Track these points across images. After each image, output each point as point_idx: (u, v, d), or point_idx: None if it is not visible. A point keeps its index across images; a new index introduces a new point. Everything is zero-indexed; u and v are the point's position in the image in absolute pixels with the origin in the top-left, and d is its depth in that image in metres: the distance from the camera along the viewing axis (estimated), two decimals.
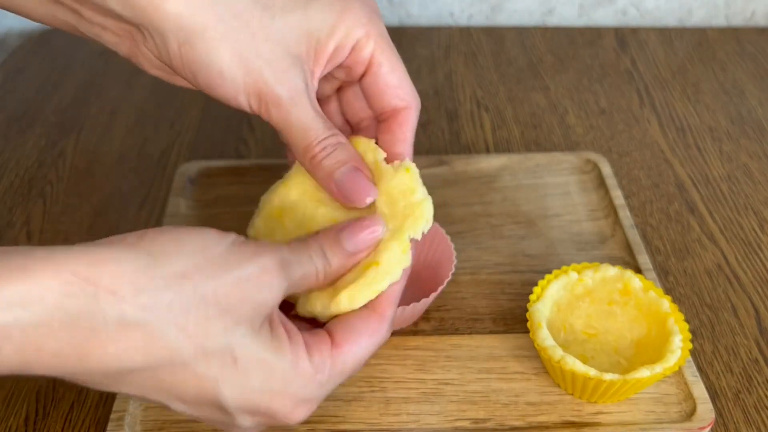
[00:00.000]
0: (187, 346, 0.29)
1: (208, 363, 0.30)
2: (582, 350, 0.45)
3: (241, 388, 0.32)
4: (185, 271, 0.29)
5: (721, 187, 0.63)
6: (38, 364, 0.28)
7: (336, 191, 0.37)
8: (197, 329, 0.29)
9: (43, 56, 0.81)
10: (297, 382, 0.33)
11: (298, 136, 0.36)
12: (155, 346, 0.29)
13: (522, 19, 0.90)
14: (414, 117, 0.39)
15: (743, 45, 0.84)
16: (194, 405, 0.32)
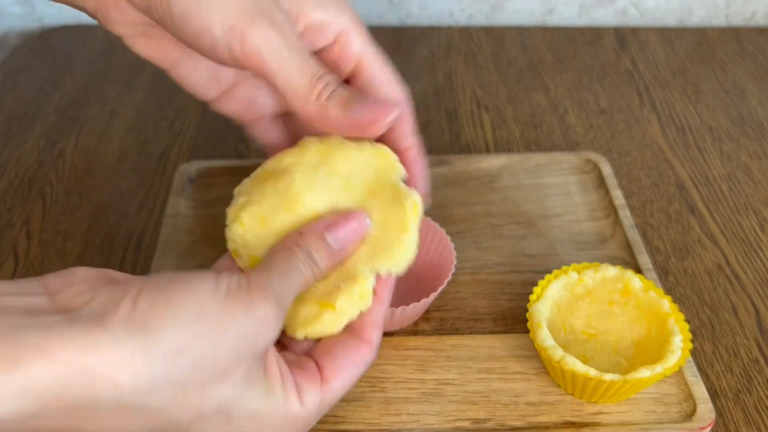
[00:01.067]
0: (184, 415, 0.29)
1: (204, 424, 0.30)
2: (582, 350, 0.45)
3: None
4: (181, 345, 0.28)
5: (721, 187, 0.63)
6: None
7: (348, 127, 0.35)
8: (194, 400, 0.29)
9: (43, 56, 0.81)
10: (287, 425, 0.33)
11: (293, 77, 0.34)
12: (154, 420, 0.29)
13: (522, 18, 0.90)
14: (408, 111, 0.39)
15: (743, 45, 0.84)
16: None
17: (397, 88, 0.39)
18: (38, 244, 0.57)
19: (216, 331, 0.29)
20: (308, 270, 0.34)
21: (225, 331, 0.29)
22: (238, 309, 0.30)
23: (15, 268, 0.54)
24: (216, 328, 0.29)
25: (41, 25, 0.89)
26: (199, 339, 0.29)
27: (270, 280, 0.32)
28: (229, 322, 0.29)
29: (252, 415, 0.31)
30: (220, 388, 0.30)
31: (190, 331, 0.28)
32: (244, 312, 0.30)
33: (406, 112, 0.38)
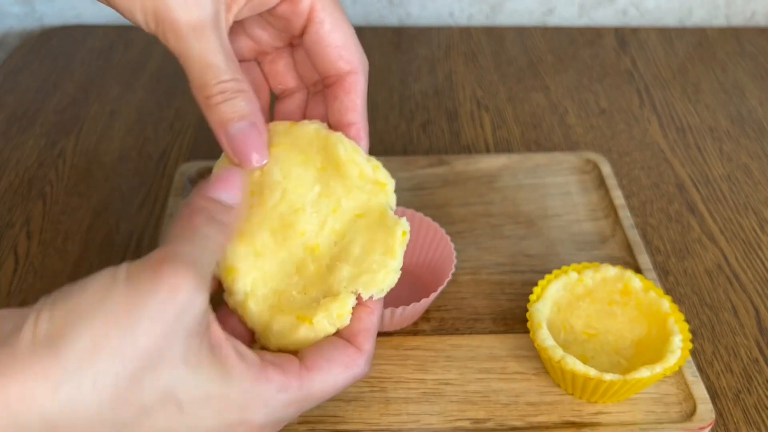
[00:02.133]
0: (126, 412, 0.27)
1: (154, 419, 0.28)
2: (582, 350, 0.45)
3: (196, 431, 0.29)
4: (94, 346, 0.26)
5: (721, 187, 0.63)
6: None
7: (225, 143, 0.34)
8: (130, 394, 0.27)
9: (43, 56, 0.81)
10: (255, 405, 0.30)
11: (195, 70, 0.33)
12: (96, 428, 0.26)
13: (522, 18, 0.90)
14: (362, 82, 0.36)
15: (743, 45, 0.84)
16: None
17: (348, 54, 0.35)
18: (38, 244, 0.57)
19: (126, 317, 0.27)
20: (214, 229, 0.31)
21: (137, 313, 0.27)
22: (143, 288, 0.27)
23: (15, 268, 0.54)
24: (126, 315, 0.27)
25: (41, 25, 0.89)
26: (110, 331, 0.26)
27: (176, 249, 0.29)
28: (137, 303, 0.27)
29: (205, 398, 0.29)
30: (156, 375, 0.27)
31: (97, 328, 0.26)
32: (152, 288, 0.27)
33: (355, 83, 0.35)
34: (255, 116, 0.33)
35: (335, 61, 0.35)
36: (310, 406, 0.33)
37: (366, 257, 0.35)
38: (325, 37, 0.35)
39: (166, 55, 0.81)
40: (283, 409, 0.31)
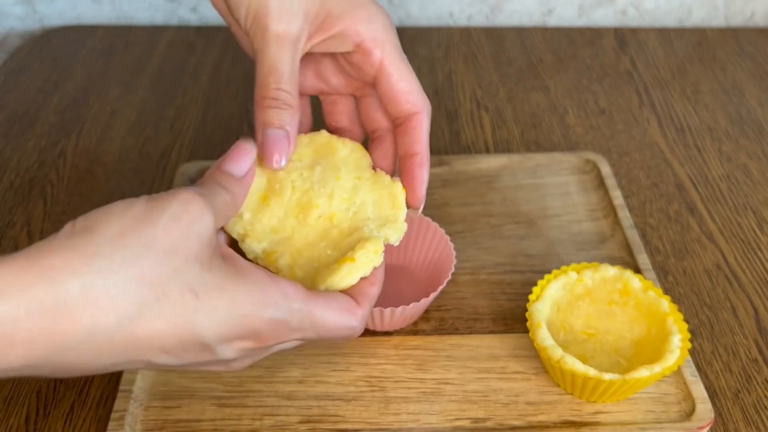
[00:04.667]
0: (149, 293, 0.31)
1: (172, 302, 0.31)
2: (581, 350, 0.46)
3: (211, 317, 0.32)
4: (122, 230, 0.31)
5: (720, 187, 0.63)
6: (13, 356, 0.29)
7: (259, 139, 0.39)
8: (153, 276, 0.31)
9: (44, 56, 0.81)
10: (267, 302, 0.34)
11: (263, 70, 0.39)
12: (123, 303, 0.30)
13: (522, 19, 0.90)
14: (426, 120, 0.42)
15: (743, 45, 0.84)
16: (178, 351, 0.32)
17: (414, 98, 0.41)
18: None
19: (147, 218, 0.32)
20: (225, 193, 0.36)
21: (156, 215, 0.32)
22: (161, 200, 0.33)
23: None
24: (147, 216, 0.32)
25: (42, 25, 0.89)
26: (135, 225, 0.32)
27: (190, 188, 0.35)
28: (157, 209, 0.33)
29: (219, 289, 0.33)
30: (175, 267, 0.32)
31: (124, 223, 0.32)
32: (167, 200, 0.33)
33: (420, 122, 0.42)
34: (291, 129, 0.39)
35: (403, 105, 0.41)
36: (305, 334, 0.36)
37: (380, 212, 0.41)
38: (394, 85, 0.41)
39: (167, 56, 0.81)
40: (288, 315, 0.34)
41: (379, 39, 0.40)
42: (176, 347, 0.32)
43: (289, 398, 0.44)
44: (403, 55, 0.42)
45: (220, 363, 0.35)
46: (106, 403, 0.45)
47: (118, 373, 0.47)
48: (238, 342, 0.34)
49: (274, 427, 0.43)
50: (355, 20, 0.40)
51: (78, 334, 0.30)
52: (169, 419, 0.43)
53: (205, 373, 0.35)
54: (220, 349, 0.33)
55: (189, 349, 0.33)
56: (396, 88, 0.41)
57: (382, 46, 0.40)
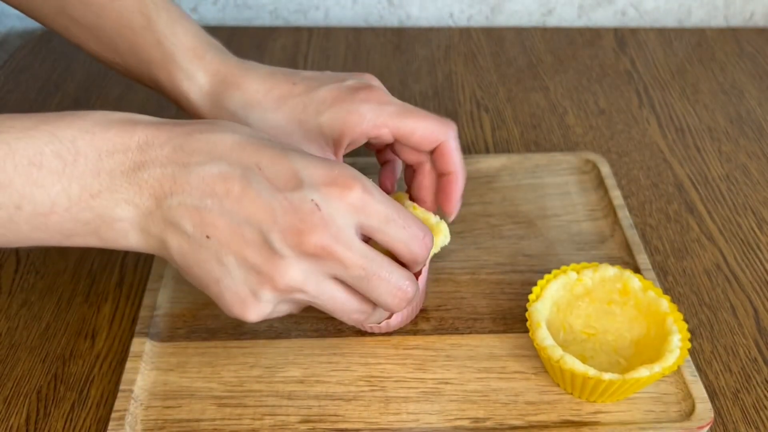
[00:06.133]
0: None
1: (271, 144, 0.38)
2: (581, 350, 0.46)
3: (304, 156, 0.37)
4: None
5: (720, 187, 0.63)
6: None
7: None
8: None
9: (45, 56, 0.82)
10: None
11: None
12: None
13: (521, 19, 0.90)
14: (453, 142, 0.47)
15: (742, 45, 0.85)
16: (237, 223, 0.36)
17: (435, 135, 0.47)
18: None
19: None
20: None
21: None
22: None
23: (16, 268, 0.55)
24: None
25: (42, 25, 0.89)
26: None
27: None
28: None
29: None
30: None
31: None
32: None
33: (447, 147, 0.47)
34: None
35: (427, 145, 0.47)
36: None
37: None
38: (409, 138, 0.46)
39: None
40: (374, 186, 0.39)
41: (378, 121, 0.46)
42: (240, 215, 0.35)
43: (289, 398, 0.44)
44: (407, 108, 0.47)
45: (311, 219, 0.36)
46: (106, 403, 0.45)
47: (119, 372, 0.47)
48: (325, 187, 0.36)
49: (274, 426, 0.43)
50: (351, 128, 0.45)
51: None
52: (169, 419, 0.43)
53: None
54: (307, 185, 0.36)
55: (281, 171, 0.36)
56: (413, 140, 0.46)
57: (385, 124, 0.46)
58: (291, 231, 0.35)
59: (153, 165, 0.36)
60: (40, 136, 0.35)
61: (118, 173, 0.36)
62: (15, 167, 0.34)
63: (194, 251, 0.36)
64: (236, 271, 0.36)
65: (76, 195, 0.35)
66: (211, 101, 0.47)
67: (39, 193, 0.35)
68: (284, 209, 0.35)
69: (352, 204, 0.36)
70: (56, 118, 0.36)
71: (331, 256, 0.36)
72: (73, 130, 0.35)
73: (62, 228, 0.36)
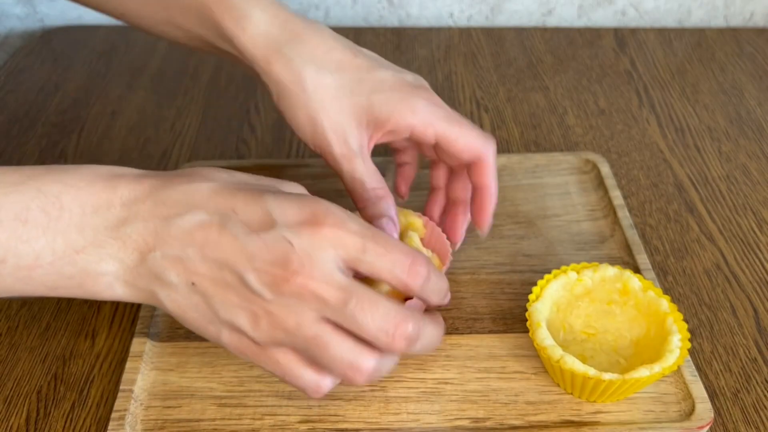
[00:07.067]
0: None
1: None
2: (581, 350, 0.46)
3: (277, 195, 0.37)
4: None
5: (719, 187, 0.63)
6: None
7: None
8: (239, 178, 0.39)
9: (45, 57, 0.82)
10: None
11: (347, 182, 0.46)
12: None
13: (521, 19, 0.90)
14: (488, 162, 0.47)
15: (742, 45, 0.85)
16: (252, 231, 0.36)
17: (475, 146, 0.47)
18: None
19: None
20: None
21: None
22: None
23: None
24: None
25: (43, 26, 0.89)
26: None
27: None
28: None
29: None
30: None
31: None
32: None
33: (485, 163, 0.47)
34: (392, 213, 0.46)
35: (465, 155, 0.47)
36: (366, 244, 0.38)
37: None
38: (452, 145, 0.47)
39: (167, 56, 0.81)
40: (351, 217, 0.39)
41: (427, 120, 0.46)
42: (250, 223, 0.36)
43: (289, 398, 0.44)
44: (454, 115, 0.47)
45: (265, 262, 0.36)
46: (106, 402, 0.45)
47: (119, 372, 0.47)
48: (298, 225, 0.36)
49: (274, 426, 0.43)
50: (401, 116, 0.46)
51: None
52: (169, 419, 0.43)
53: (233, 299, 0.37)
54: (280, 225, 0.36)
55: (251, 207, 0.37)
56: (455, 148, 0.47)
57: (432, 124, 0.46)
58: (266, 271, 0.35)
59: (136, 219, 0.37)
60: (27, 191, 0.36)
61: (102, 228, 0.36)
62: (1, 222, 0.35)
63: (184, 299, 0.37)
64: (223, 312, 0.37)
65: (60, 250, 0.36)
66: (266, 42, 0.45)
67: (23, 248, 0.35)
68: (259, 250, 0.35)
69: (326, 238, 0.36)
70: (44, 172, 0.37)
71: (310, 292, 0.35)
72: (59, 185, 0.36)
73: (46, 281, 0.37)
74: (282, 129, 0.70)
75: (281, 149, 0.67)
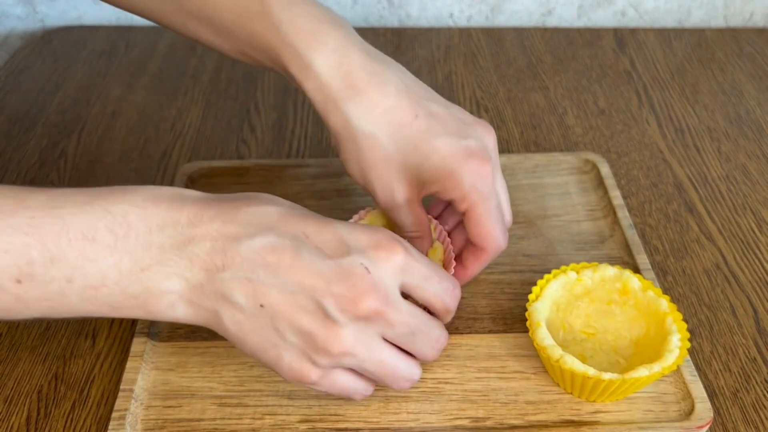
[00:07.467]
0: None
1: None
2: (581, 350, 0.46)
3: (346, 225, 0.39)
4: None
5: (719, 187, 0.63)
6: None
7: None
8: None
9: (45, 57, 0.82)
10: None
11: (395, 226, 0.48)
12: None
13: (521, 19, 0.90)
14: (486, 257, 0.48)
15: (742, 45, 0.85)
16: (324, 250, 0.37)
17: (484, 240, 0.47)
18: None
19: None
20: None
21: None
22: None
23: None
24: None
25: (43, 26, 0.89)
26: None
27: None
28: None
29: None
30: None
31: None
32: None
33: (483, 257, 0.48)
34: (426, 250, 0.49)
35: (475, 239, 0.47)
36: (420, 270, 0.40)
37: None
38: (473, 226, 0.47)
39: (167, 56, 0.81)
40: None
41: (467, 197, 0.46)
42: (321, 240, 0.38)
43: (289, 398, 0.44)
44: (491, 198, 0.46)
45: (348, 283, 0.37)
46: (107, 402, 0.46)
47: (119, 372, 0.47)
48: (372, 251, 0.37)
49: (274, 426, 0.43)
50: (444, 189, 0.46)
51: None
52: (169, 419, 0.43)
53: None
54: (354, 251, 0.37)
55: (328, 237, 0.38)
56: (473, 230, 0.47)
57: (469, 203, 0.46)
58: (345, 296, 0.36)
59: (203, 239, 0.37)
60: (94, 211, 0.36)
61: (168, 247, 0.37)
62: (69, 242, 0.35)
63: (248, 320, 0.37)
64: (292, 337, 0.37)
65: (126, 268, 0.36)
66: (325, 95, 0.45)
67: (91, 267, 0.36)
68: (336, 275, 0.36)
69: (397, 265, 0.38)
70: (108, 193, 0.37)
71: (382, 317, 0.37)
72: (124, 204, 0.37)
73: (111, 300, 0.37)
74: (282, 129, 0.70)
75: (281, 149, 0.67)
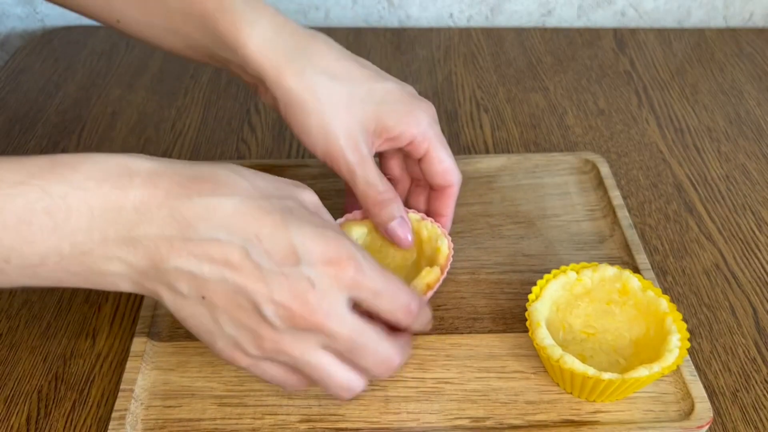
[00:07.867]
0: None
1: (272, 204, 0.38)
2: (581, 349, 0.46)
3: (302, 230, 0.37)
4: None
5: (719, 187, 0.63)
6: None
7: (385, 233, 0.49)
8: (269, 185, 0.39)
9: (45, 57, 0.82)
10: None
11: (361, 190, 0.48)
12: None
13: (521, 20, 0.90)
14: (455, 191, 0.51)
15: (741, 46, 0.85)
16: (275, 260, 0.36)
17: (449, 176, 0.50)
18: None
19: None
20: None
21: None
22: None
23: None
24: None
25: (43, 26, 0.89)
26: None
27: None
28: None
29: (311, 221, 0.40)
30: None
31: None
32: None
33: (450, 193, 0.51)
34: (402, 214, 0.49)
35: (439, 180, 0.50)
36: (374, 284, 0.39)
37: (423, 251, 0.51)
38: (435, 166, 0.50)
39: (167, 56, 0.81)
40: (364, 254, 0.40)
41: (426, 134, 0.49)
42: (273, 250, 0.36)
43: (289, 397, 0.44)
44: (443, 139, 0.50)
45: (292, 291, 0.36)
46: (107, 402, 0.46)
47: (119, 372, 0.47)
48: (321, 265, 0.37)
49: (274, 426, 0.43)
50: (406, 126, 0.48)
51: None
52: (170, 418, 0.43)
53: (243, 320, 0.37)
54: (303, 262, 0.36)
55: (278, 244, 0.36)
56: (436, 168, 0.50)
57: (428, 140, 0.49)
58: (284, 306, 0.36)
59: (149, 225, 0.36)
60: (31, 191, 0.34)
61: (111, 232, 0.35)
62: (4, 224, 0.34)
63: (189, 307, 0.37)
64: (229, 329, 0.37)
65: (67, 251, 0.35)
66: (275, 51, 0.45)
67: (28, 249, 0.35)
68: (280, 284, 0.36)
69: (345, 283, 0.37)
70: (49, 168, 0.35)
71: (321, 331, 0.37)
72: (64, 185, 0.35)
73: (51, 277, 0.36)
74: (282, 129, 0.70)
75: (281, 149, 0.67)
